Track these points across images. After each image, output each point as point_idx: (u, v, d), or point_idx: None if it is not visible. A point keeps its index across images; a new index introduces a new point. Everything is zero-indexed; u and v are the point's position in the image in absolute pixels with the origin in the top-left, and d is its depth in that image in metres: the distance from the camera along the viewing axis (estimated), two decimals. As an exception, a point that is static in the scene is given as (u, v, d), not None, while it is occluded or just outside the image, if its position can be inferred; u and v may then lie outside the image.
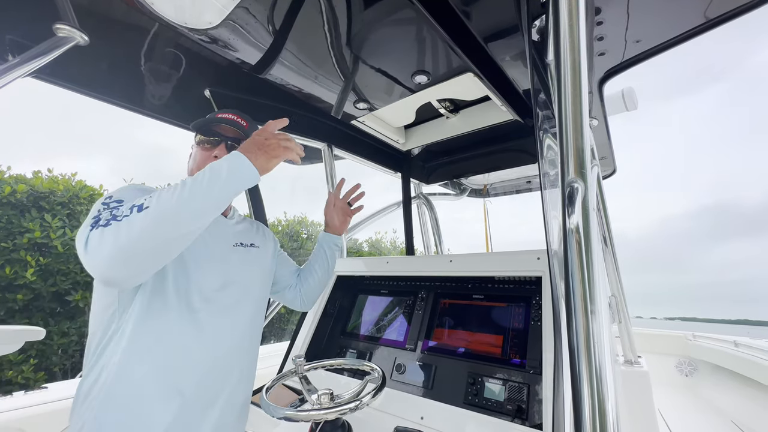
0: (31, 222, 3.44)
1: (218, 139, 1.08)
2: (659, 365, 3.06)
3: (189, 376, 0.92)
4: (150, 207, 0.75)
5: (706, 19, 1.06)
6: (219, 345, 0.98)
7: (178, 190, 0.78)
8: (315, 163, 2.28)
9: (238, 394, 1.04)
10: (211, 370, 0.96)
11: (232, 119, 1.11)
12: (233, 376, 1.02)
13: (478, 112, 1.78)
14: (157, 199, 0.76)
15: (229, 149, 1.06)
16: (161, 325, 0.90)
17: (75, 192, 3.86)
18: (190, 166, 1.10)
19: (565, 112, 0.65)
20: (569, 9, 0.68)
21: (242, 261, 1.11)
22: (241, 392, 1.06)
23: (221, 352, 0.99)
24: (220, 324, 0.99)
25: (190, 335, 0.93)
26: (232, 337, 1.02)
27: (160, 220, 0.75)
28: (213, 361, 0.96)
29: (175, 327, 0.91)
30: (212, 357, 0.96)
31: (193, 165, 1.08)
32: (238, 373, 1.04)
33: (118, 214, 0.76)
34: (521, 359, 1.23)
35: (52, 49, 0.94)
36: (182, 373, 0.91)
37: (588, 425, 0.47)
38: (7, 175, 3.55)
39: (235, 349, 1.03)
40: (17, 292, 3.32)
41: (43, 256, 3.48)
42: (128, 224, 0.73)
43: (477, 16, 1.08)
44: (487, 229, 3.72)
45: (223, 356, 0.99)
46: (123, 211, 0.76)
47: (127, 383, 0.84)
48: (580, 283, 0.54)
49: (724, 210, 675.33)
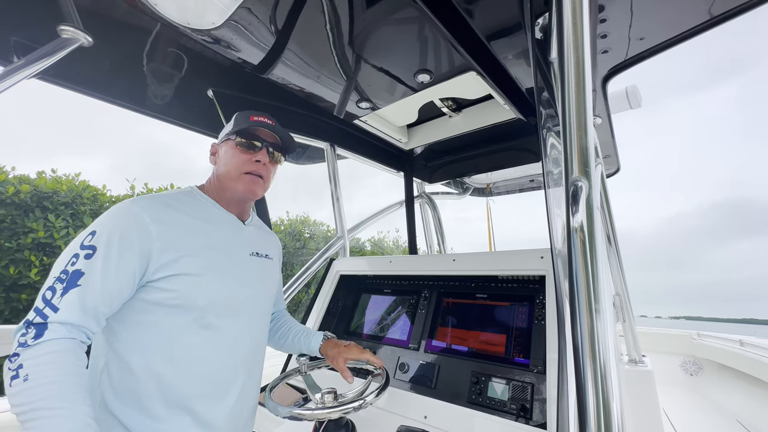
0: (34, 222, 3.47)
1: (260, 144, 1.06)
2: (664, 364, 3.04)
3: (203, 385, 0.91)
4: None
5: (711, 16, 1.05)
6: (234, 354, 0.97)
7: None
8: (318, 162, 2.28)
9: (249, 397, 1.04)
10: (224, 378, 0.95)
11: (270, 123, 1.08)
12: (242, 381, 1.00)
13: (480, 110, 1.78)
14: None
15: (270, 155, 1.07)
16: (179, 339, 0.89)
17: (78, 192, 3.88)
18: (222, 163, 1.05)
19: (569, 111, 0.65)
20: (572, 7, 0.68)
21: (259, 271, 1.08)
22: (252, 395, 1.05)
23: (233, 361, 0.97)
24: (237, 332, 0.98)
25: (206, 347, 0.92)
26: (246, 344, 1.01)
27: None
28: (225, 370, 0.95)
29: (193, 339, 0.90)
30: (225, 366, 0.95)
31: (229, 163, 1.03)
32: (246, 377, 1.02)
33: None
34: (525, 358, 1.23)
35: (57, 50, 0.95)
36: (197, 382, 0.90)
37: (592, 424, 0.47)
38: (12, 176, 3.58)
39: (248, 355, 1.02)
40: (21, 291, 3.35)
41: (47, 256, 3.50)
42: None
43: (479, 14, 1.08)
44: (490, 228, 3.71)
45: (234, 365, 0.98)
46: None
47: (139, 389, 0.85)
48: (584, 282, 0.54)
49: (735, 208, 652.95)
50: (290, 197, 22.26)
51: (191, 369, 0.89)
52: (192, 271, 0.88)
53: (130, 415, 0.84)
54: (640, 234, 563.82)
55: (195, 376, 0.90)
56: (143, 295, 0.86)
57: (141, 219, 0.85)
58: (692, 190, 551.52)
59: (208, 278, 0.91)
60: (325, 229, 7.03)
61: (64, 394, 0.68)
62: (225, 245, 0.99)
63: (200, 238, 0.94)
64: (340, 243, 2.26)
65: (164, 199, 0.93)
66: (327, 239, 6.54)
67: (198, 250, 0.91)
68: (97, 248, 0.79)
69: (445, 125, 1.91)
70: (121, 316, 0.86)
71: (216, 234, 0.98)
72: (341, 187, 2.22)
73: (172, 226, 0.89)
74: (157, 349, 0.86)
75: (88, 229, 0.82)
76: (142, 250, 0.83)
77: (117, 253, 0.80)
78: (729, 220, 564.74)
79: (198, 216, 0.97)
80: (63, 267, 0.77)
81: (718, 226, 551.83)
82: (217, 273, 0.94)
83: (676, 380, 3.00)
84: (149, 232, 0.84)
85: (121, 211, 0.85)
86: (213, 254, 0.94)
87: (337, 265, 1.94)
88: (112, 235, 0.81)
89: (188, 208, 0.96)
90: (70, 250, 0.80)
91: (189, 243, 0.90)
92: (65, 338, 0.73)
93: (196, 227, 0.94)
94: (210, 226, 0.98)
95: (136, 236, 0.83)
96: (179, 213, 0.93)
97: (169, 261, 0.86)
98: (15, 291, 3.34)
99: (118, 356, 0.85)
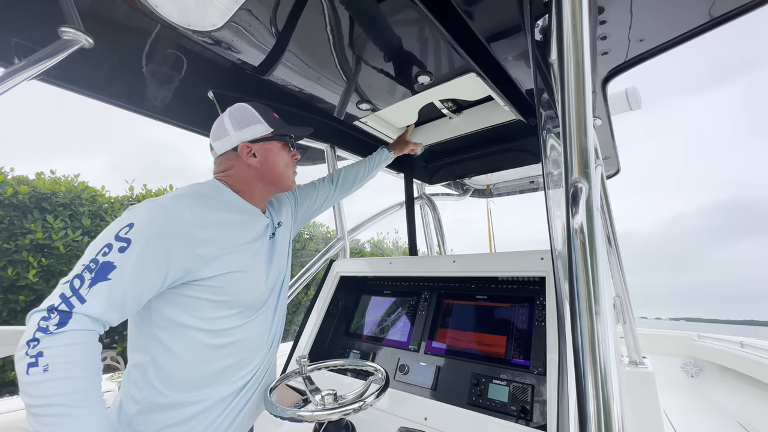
0: (33, 223, 3.47)
1: (293, 143, 1.17)
2: (664, 366, 3.04)
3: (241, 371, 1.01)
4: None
5: (711, 17, 1.05)
6: (264, 337, 1.07)
7: None
8: (318, 164, 2.28)
9: (261, 382, 1.10)
10: (262, 359, 1.07)
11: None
12: (263, 360, 1.09)
13: (480, 112, 1.78)
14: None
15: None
16: (223, 328, 0.95)
17: (77, 193, 3.88)
18: (269, 161, 1.08)
19: (569, 112, 0.65)
20: (572, 8, 0.68)
21: (277, 250, 1.16)
22: (264, 380, 1.11)
23: (267, 342, 1.09)
24: (266, 317, 1.08)
25: (245, 330, 1.00)
26: (272, 322, 1.12)
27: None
28: (261, 352, 1.07)
29: (235, 326, 0.97)
30: (261, 349, 1.06)
31: (279, 162, 1.10)
32: (266, 356, 1.11)
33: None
34: (525, 360, 1.23)
35: (58, 52, 0.95)
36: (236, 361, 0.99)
37: (593, 426, 0.47)
38: (10, 177, 3.57)
39: (276, 329, 1.13)
40: (19, 293, 3.35)
41: (45, 257, 3.50)
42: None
43: (479, 16, 1.08)
44: (490, 229, 3.71)
45: (268, 344, 1.10)
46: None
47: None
48: (584, 284, 0.54)
49: (738, 208, 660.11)
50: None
51: (236, 350, 0.98)
52: (235, 268, 0.93)
53: (189, 395, 0.90)
54: (643, 234, 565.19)
55: (240, 355, 0.99)
56: (188, 291, 0.87)
57: (183, 218, 0.85)
58: (696, 190, 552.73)
59: (249, 274, 0.98)
60: (324, 230, 7.03)
61: (83, 392, 0.68)
62: (255, 240, 1.04)
63: (238, 234, 0.97)
64: (340, 244, 2.26)
65: (202, 196, 0.95)
66: (327, 240, 6.54)
67: (236, 247, 0.95)
68: (133, 242, 0.77)
69: (446, 126, 1.91)
70: (166, 312, 0.88)
71: (248, 229, 1.02)
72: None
73: (212, 224, 0.91)
74: (206, 337, 0.91)
75: (124, 220, 0.80)
76: (182, 250, 0.83)
77: (154, 252, 0.78)
78: (732, 220, 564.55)
79: (233, 212, 1.00)
80: (93, 256, 0.75)
81: (721, 226, 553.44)
82: (254, 267, 1.01)
83: (677, 382, 2.99)
84: (191, 231, 0.85)
85: (163, 208, 0.84)
86: (248, 250, 0.99)
87: (338, 266, 1.94)
88: (151, 231, 0.79)
89: (223, 204, 0.99)
90: (103, 238, 0.77)
91: (229, 241, 0.94)
92: (88, 330, 0.71)
93: (234, 224, 0.98)
94: (242, 221, 1.02)
95: (177, 236, 0.82)
96: (218, 210, 0.95)
97: (212, 259, 0.88)
98: (13, 292, 3.33)
99: (167, 350, 0.88)
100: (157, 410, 0.87)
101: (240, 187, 1.06)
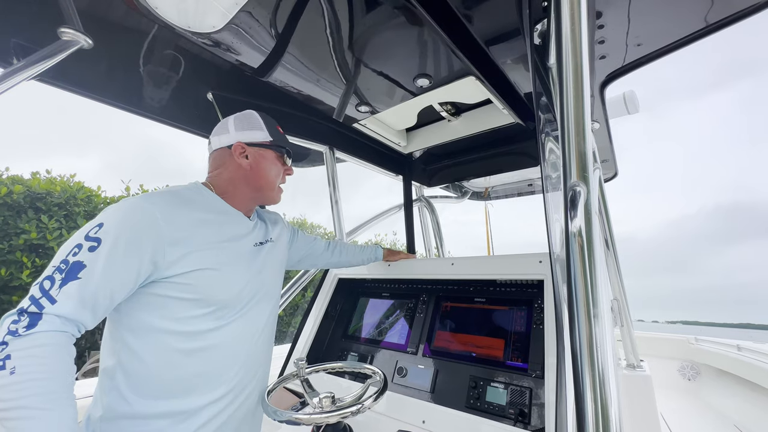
0: (27, 223, 3.44)
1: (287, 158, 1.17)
2: (662, 369, 3.04)
3: (221, 383, 0.95)
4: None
5: (707, 23, 1.06)
6: (241, 348, 1.01)
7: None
8: (317, 165, 2.28)
9: (255, 394, 1.07)
10: (237, 374, 0.99)
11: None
12: (254, 376, 1.05)
13: (479, 115, 1.79)
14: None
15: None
16: (196, 331, 0.91)
17: (72, 193, 3.85)
18: (260, 168, 1.08)
19: (567, 116, 0.65)
20: (570, 13, 0.68)
21: (263, 261, 1.11)
22: (257, 391, 1.08)
23: (244, 356, 1.01)
24: (245, 327, 1.02)
25: (221, 336, 0.95)
26: (253, 337, 1.05)
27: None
28: (236, 365, 0.99)
29: (209, 329, 0.93)
30: (237, 361, 0.99)
31: (270, 172, 1.10)
32: (260, 371, 1.07)
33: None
34: (523, 363, 1.23)
35: (57, 52, 0.95)
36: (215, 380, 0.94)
37: (591, 429, 0.47)
38: (5, 176, 3.55)
39: (258, 347, 1.06)
40: (13, 293, 3.32)
41: (39, 258, 3.47)
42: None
43: (479, 19, 1.09)
44: (488, 232, 3.71)
45: (245, 359, 1.01)
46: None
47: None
48: (582, 287, 0.54)
49: (737, 211, 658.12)
50: (289, 197, 22.40)
51: (208, 358, 0.93)
52: (206, 265, 0.90)
53: (156, 405, 0.85)
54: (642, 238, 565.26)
55: (212, 364, 0.93)
56: (157, 290, 0.86)
57: (153, 216, 0.84)
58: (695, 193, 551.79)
59: (222, 272, 0.94)
60: (322, 232, 7.01)
61: (51, 393, 0.66)
62: (234, 239, 1.01)
63: (212, 232, 0.95)
64: (338, 246, 2.26)
65: (175, 195, 0.93)
66: (325, 242, 6.50)
67: (210, 245, 0.93)
68: (103, 241, 0.77)
69: (444, 129, 1.92)
70: (135, 313, 0.86)
71: (225, 229, 1.00)
72: (340, 190, 2.22)
73: (183, 222, 0.89)
74: (175, 341, 0.88)
75: (96, 221, 0.80)
76: (152, 247, 0.82)
77: (123, 249, 0.78)
78: (731, 224, 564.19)
79: (209, 211, 0.98)
80: (64, 257, 0.74)
81: (720, 229, 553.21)
82: (229, 267, 0.96)
83: (674, 385, 3.00)
84: (160, 229, 0.84)
85: (133, 207, 0.84)
86: (224, 248, 0.96)
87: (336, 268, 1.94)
88: (120, 229, 0.79)
89: (200, 204, 0.97)
90: (73, 240, 0.77)
91: (202, 238, 0.92)
92: (58, 331, 0.70)
93: (208, 222, 0.96)
94: (219, 221, 0.99)
95: (146, 234, 0.82)
96: (191, 210, 0.93)
97: (181, 257, 0.86)
98: (6, 293, 3.31)
99: (134, 354, 0.85)
100: (117, 419, 0.84)
101: (226, 188, 1.05)
